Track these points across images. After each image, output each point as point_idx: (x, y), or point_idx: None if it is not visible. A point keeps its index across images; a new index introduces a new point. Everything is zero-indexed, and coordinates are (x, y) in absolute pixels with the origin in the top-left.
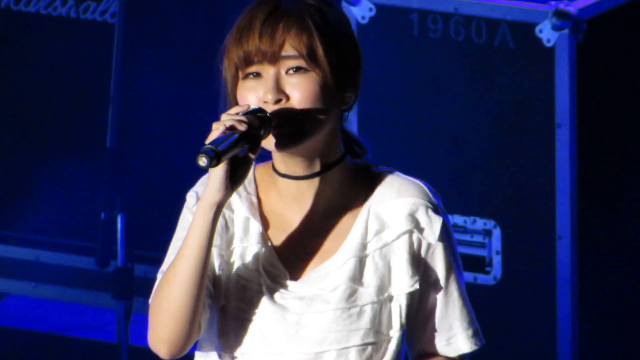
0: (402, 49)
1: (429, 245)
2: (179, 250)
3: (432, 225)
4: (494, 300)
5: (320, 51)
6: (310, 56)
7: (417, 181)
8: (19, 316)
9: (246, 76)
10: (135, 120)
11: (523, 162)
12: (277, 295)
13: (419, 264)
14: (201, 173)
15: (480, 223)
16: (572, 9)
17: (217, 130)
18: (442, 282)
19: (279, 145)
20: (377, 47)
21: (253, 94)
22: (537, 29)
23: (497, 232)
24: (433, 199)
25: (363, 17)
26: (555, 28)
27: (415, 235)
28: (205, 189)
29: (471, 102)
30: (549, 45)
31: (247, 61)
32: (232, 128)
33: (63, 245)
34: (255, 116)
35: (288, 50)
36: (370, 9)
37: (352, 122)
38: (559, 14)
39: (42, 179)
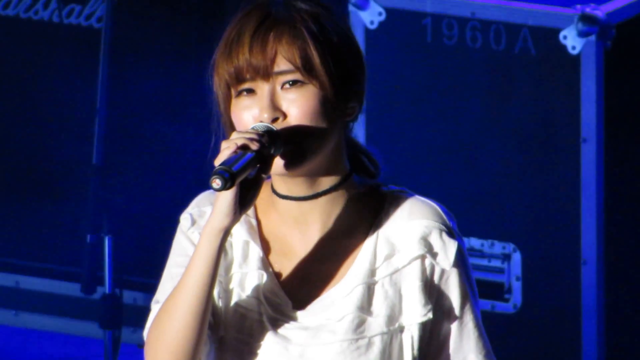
0: (414, 57)
1: (442, 272)
2: (180, 279)
3: (447, 249)
4: (513, 330)
5: (316, 61)
6: (306, 67)
7: (431, 202)
8: None
9: (239, 93)
10: (124, 134)
11: (545, 180)
12: (279, 326)
13: (432, 292)
14: (195, 192)
15: (498, 247)
16: (599, 13)
17: (227, 149)
18: (456, 311)
19: (287, 166)
20: (387, 54)
21: (248, 113)
22: (561, 35)
23: (516, 257)
24: (447, 222)
25: (372, 22)
26: (581, 34)
27: (428, 261)
28: (198, 210)
29: (489, 115)
30: (574, 52)
31: (239, 78)
32: (244, 147)
33: (46, 270)
34: (267, 134)
35: (281, 64)
36: (380, 14)
37: (359, 137)
38: (585, 18)
39: (23, 197)
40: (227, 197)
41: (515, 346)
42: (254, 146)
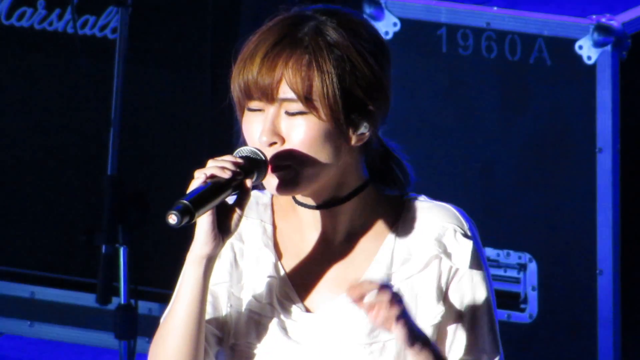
0: (429, 67)
1: (457, 272)
2: (171, 305)
3: (461, 250)
4: (529, 340)
5: (318, 91)
6: (308, 97)
7: (447, 204)
8: (13, 358)
9: (250, 110)
10: (138, 144)
11: (561, 190)
12: (291, 330)
13: (447, 293)
14: None
15: (514, 257)
16: (615, 23)
17: (197, 179)
18: (471, 313)
19: (279, 191)
20: (402, 65)
21: (253, 128)
22: (576, 45)
23: (532, 267)
24: (464, 223)
25: (387, 33)
26: (596, 44)
27: (442, 261)
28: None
29: (504, 125)
30: (589, 63)
31: (247, 95)
32: (212, 177)
33: (61, 281)
34: (248, 160)
35: (285, 91)
36: (395, 24)
37: None
38: (600, 29)
39: (38, 209)
40: (203, 226)
41: (531, 356)
42: (226, 175)
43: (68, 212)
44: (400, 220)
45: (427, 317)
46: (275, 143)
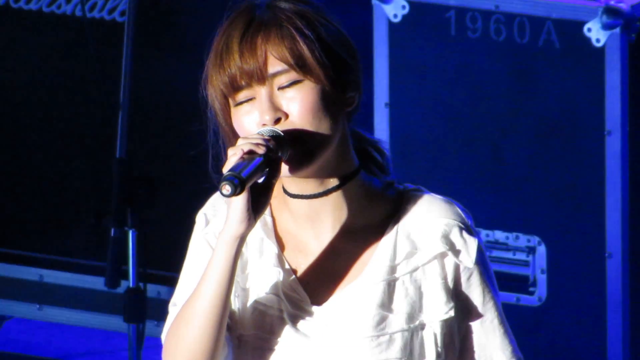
0: (437, 50)
1: (465, 269)
2: (197, 286)
3: (468, 247)
4: (538, 323)
5: (307, 55)
6: (299, 64)
7: (447, 199)
8: (22, 341)
9: (238, 103)
10: (147, 127)
11: (570, 173)
12: (299, 322)
13: (455, 290)
14: (217, 187)
15: (523, 239)
16: (623, 6)
17: (234, 156)
18: (480, 308)
19: (293, 169)
20: (410, 48)
21: (249, 118)
22: (585, 28)
23: (541, 250)
24: (466, 219)
25: (395, 16)
26: (605, 27)
27: (449, 259)
28: (213, 210)
29: (513, 108)
30: (598, 45)
31: (234, 86)
32: (250, 152)
33: (69, 264)
34: (273, 139)
35: (275, 64)
36: (403, 7)
37: (384, 131)
38: (609, 11)
39: (47, 192)
40: (239, 204)
41: (540, 339)
42: (261, 150)
43: (77, 195)
44: (401, 212)
45: (435, 312)
46: (279, 119)
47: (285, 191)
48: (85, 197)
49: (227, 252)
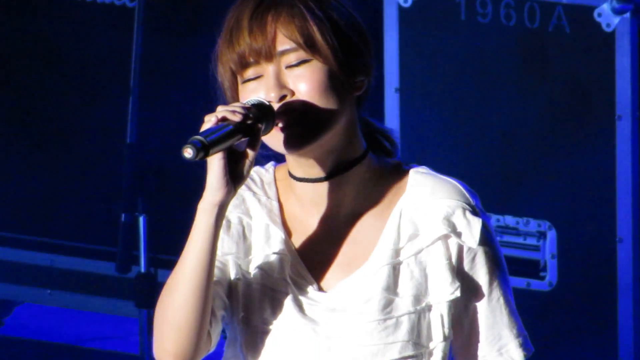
0: (448, 35)
1: (469, 250)
2: (180, 256)
3: (472, 228)
4: (549, 308)
5: (317, 35)
6: (307, 43)
7: (452, 180)
8: (33, 326)
9: (246, 81)
10: (158, 113)
11: (580, 158)
12: (306, 307)
13: (460, 271)
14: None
15: (534, 224)
16: None
17: (208, 122)
18: (485, 288)
19: (291, 146)
20: (421, 33)
21: (255, 95)
22: (595, 13)
23: (552, 234)
24: (471, 200)
25: (405, 1)
26: (615, 11)
27: (453, 240)
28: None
29: (523, 93)
30: (608, 30)
31: (243, 63)
32: (224, 119)
33: (80, 250)
34: (256, 108)
35: (283, 42)
36: None
37: (394, 116)
38: None
39: (57, 177)
40: (215, 171)
41: (550, 324)
42: (236, 118)
43: (88, 180)
44: (405, 194)
45: (441, 293)
46: (285, 96)
47: (291, 175)
48: (96, 182)
49: (206, 219)
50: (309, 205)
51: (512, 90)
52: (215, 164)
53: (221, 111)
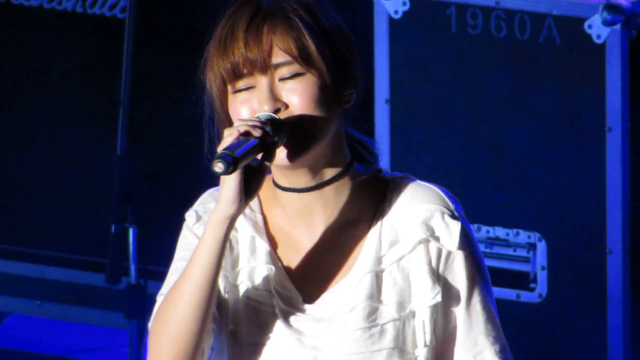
0: (438, 47)
1: (448, 254)
2: (185, 268)
3: (450, 231)
4: (539, 319)
5: (312, 49)
6: (303, 57)
7: (432, 186)
8: (23, 337)
9: (237, 91)
10: (147, 124)
11: (570, 169)
12: (291, 318)
13: (439, 275)
14: (216, 183)
15: (524, 236)
16: (624, 2)
17: (230, 136)
18: (464, 293)
19: (291, 157)
20: (411, 44)
21: (247, 107)
22: (586, 24)
23: (542, 246)
24: (450, 204)
25: (396, 12)
26: (605, 23)
27: (432, 244)
28: (203, 207)
29: (514, 104)
30: (599, 42)
31: (236, 74)
32: (246, 134)
33: (70, 261)
34: (270, 122)
35: (278, 55)
36: (404, 3)
37: (384, 127)
38: (610, 7)
39: (47, 188)
40: (231, 185)
41: (540, 335)
42: (257, 133)
43: (77, 191)
44: (386, 202)
45: (423, 299)
46: (278, 110)
47: (276, 185)
48: (85, 193)
49: (217, 232)
50: (294, 216)
51: (503, 101)
52: (232, 178)
53: (242, 125)
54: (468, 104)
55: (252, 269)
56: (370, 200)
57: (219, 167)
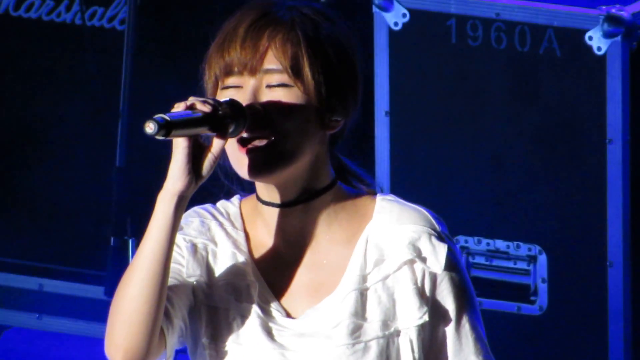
0: (438, 58)
1: (435, 276)
2: (138, 248)
3: (437, 253)
4: (539, 332)
5: (305, 66)
6: (294, 70)
7: (418, 207)
8: (22, 351)
9: (226, 87)
10: (147, 136)
11: (571, 181)
12: (275, 333)
13: (426, 296)
14: (217, 193)
15: (524, 248)
16: (625, 14)
17: (177, 107)
18: (452, 314)
19: (252, 172)
20: (411, 56)
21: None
22: (586, 36)
23: (542, 259)
24: (437, 226)
25: (396, 24)
26: (606, 35)
27: (418, 265)
28: (185, 220)
29: (514, 116)
30: (599, 53)
31: (227, 70)
32: (193, 107)
33: (69, 273)
34: (229, 106)
35: (271, 61)
36: (404, 15)
37: (384, 139)
38: (610, 19)
39: (46, 201)
40: (178, 159)
41: (541, 348)
42: (206, 108)
43: (76, 204)
44: (372, 221)
45: (409, 318)
46: None
47: (258, 198)
48: (85, 206)
49: (164, 208)
50: (276, 232)
51: (503, 113)
52: (178, 151)
53: (192, 100)
54: (468, 116)
55: (235, 284)
56: (355, 219)
57: (149, 127)
